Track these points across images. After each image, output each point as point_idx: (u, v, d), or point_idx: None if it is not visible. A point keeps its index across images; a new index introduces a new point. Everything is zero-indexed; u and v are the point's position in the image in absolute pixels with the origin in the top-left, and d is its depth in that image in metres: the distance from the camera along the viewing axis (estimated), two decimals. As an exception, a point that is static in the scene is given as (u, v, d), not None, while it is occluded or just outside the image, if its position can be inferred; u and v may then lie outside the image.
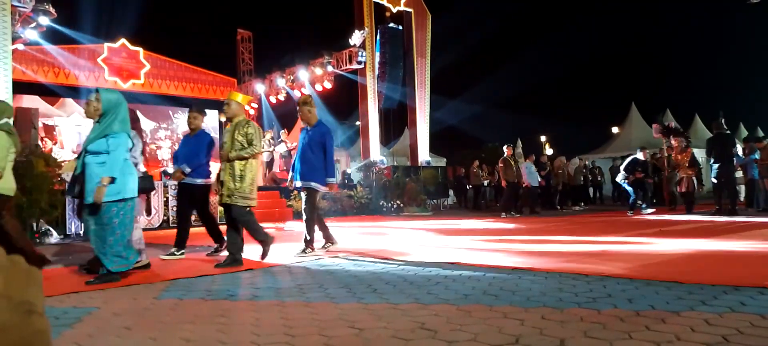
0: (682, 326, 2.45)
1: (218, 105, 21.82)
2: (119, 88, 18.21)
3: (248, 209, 5.34)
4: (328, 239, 6.37)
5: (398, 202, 15.74)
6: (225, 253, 5.48)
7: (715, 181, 10.44)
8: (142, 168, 5.38)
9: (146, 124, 19.40)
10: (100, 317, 3.09)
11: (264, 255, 5.41)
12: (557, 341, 2.29)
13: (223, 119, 21.31)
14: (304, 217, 6.17)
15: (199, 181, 6.13)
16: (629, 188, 12.27)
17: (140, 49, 18.90)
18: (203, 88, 20.97)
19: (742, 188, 12.45)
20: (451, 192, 19.90)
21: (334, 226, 7.29)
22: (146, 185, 5.22)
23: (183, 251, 5.94)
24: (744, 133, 24.01)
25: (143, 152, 5.57)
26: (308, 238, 6.03)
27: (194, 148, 6.12)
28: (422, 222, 11.50)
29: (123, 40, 18.57)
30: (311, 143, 6.09)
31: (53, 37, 15.55)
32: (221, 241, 6.18)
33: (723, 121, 12.37)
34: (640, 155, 12.50)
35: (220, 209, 11.54)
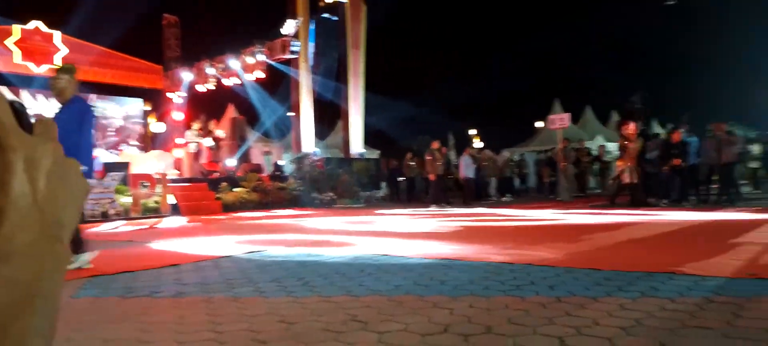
0: (600, 311, 2.58)
1: (143, 93, 20.89)
2: (32, 74, 17.01)
3: None
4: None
5: (331, 194, 15.68)
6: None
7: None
8: None
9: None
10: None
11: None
12: (484, 329, 2.36)
13: (148, 108, 20.39)
14: None
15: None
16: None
17: (57, 32, 17.68)
18: (126, 75, 19.94)
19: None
20: (383, 184, 20.04)
21: (269, 218, 7.16)
22: None
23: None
24: (657, 129, 25.60)
25: None
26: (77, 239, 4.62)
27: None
28: (355, 214, 11.51)
29: (37, 23, 17.30)
30: (67, 123, 4.58)
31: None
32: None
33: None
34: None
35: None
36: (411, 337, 2.29)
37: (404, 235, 6.74)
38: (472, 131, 34.03)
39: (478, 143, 29.40)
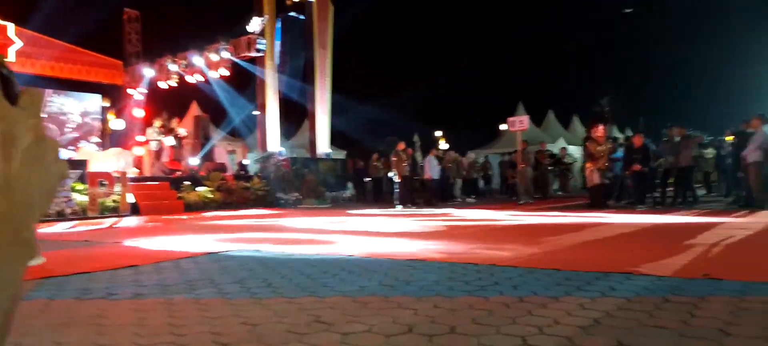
0: (561, 310, 2.63)
1: (102, 89, 20.27)
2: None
3: None
4: None
5: (297, 194, 15.55)
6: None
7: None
8: None
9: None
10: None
11: None
12: (448, 329, 2.37)
13: (107, 104, 19.82)
14: None
15: None
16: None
17: (10, 24, 16.97)
18: (84, 70, 19.30)
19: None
20: (350, 184, 19.99)
21: (232, 219, 7.05)
22: None
23: None
24: (615, 133, 26.32)
25: None
26: None
27: None
28: (320, 215, 11.45)
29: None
30: None
31: None
32: None
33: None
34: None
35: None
36: (375, 338, 2.28)
37: (370, 235, 6.73)
38: (438, 133, 34.28)
39: (444, 145, 29.64)
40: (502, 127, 31.65)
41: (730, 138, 12.85)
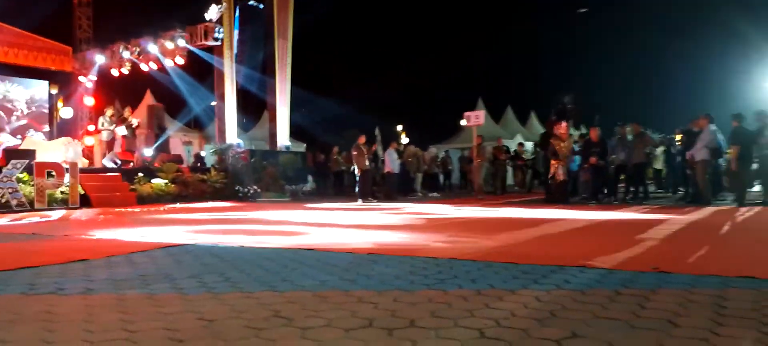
0: (517, 303, 2.68)
1: (49, 75, 19.42)
2: None
3: None
4: None
5: (255, 187, 15.32)
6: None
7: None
8: None
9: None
10: None
11: None
12: (408, 322, 2.38)
13: (55, 91, 19.03)
14: None
15: None
16: None
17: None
18: (31, 55, 18.41)
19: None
20: (310, 178, 19.84)
21: (188, 212, 6.89)
22: None
23: None
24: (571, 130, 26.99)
25: None
26: None
27: None
28: (280, 208, 11.33)
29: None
30: None
31: None
32: None
33: (555, 118, 13.80)
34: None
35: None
36: (335, 332, 2.27)
37: (330, 229, 6.70)
38: (399, 127, 34.37)
39: (404, 139, 29.73)
40: (463, 122, 32.07)
41: (679, 137, 13.39)
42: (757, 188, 11.47)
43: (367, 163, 13.17)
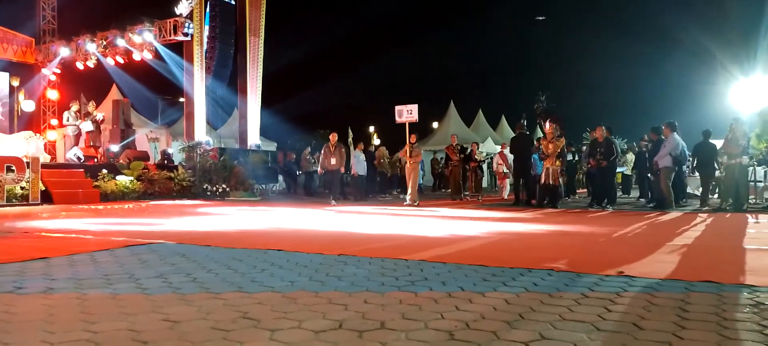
0: (487, 305, 2.70)
1: (11, 67, 18.79)
2: None
3: None
4: None
5: (224, 186, 15.10)
6: None
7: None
8: None
9: None
10: None
11: None
12: (378, 324, 2.37)
13: (16, 83, 18.39)
14: None
15: None
16: None
17: None
18: (-9, 45, 17.82)
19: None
20: (280, 177, 19.65)
21: (154, 210, 6.74)
22: None
23: None
24: (539, 133, 27.48)
25: None
26: None
27: None
28: (249, 207, 11.18)
29: None
30: None
31: None
32: None
33: (524, 122, 14.01)
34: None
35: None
36: (304, 334, 2.24)
37: (300, 229, 6.64)
38: (371, 128, 34.35)
39: (376, 140, 29.72)
40: (435, 124, 32.24)
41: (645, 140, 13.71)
42: (715, 195, 11.86)
43: (332, 162, 13.02)
